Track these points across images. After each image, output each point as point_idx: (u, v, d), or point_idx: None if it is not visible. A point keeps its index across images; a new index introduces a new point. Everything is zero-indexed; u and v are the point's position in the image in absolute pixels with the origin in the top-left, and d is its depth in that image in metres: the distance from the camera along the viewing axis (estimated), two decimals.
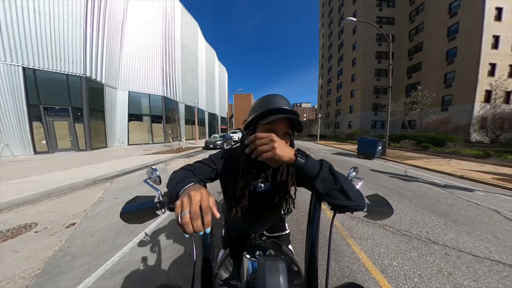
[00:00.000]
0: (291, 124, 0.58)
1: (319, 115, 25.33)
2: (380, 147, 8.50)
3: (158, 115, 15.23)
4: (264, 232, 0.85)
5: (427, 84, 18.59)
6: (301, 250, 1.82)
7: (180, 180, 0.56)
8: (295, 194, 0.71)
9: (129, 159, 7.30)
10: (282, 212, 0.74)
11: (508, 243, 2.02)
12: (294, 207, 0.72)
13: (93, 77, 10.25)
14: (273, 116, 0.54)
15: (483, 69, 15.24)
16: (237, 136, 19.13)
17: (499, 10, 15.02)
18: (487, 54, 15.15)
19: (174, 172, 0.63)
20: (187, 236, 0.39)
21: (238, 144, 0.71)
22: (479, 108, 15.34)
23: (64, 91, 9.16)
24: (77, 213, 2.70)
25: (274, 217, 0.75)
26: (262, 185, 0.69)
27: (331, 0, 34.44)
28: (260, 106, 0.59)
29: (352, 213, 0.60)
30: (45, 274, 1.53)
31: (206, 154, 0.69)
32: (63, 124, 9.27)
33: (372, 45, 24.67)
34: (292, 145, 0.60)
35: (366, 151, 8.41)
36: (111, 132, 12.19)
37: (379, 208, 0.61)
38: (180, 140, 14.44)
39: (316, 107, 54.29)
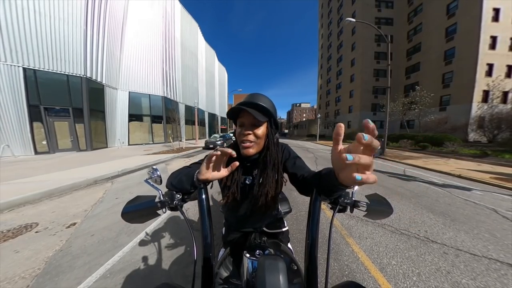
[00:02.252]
0: (260, 116, 0.63)
1: (319, 115, 25.37)
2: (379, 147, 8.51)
3: (158, 115, 15.21)
4: (264, 228, 0.85)
5: (425, 84, 18.64)
6: (301, 249, 1.82)
7: (184, 174, 0.61)
8: (285, 183, 0.76)
9: (130, 159, 7.29)
10: (278, 206, 0.78)
11: (506, 241, 2.02)
12: (281, 192, 0.77)
13: (94, 77, 10.23)
14: (236, 110, 0.64)
15: (481, 69, 15.29)
16: None
17: (497, 11, 15.07)
18: (484, 55, 15.20)
19: (173, 172, 0.65)
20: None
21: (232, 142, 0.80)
22: (476, 108, 15.39)
23: (65, 91, 9.14)
24: (77, 213, 2.70)
25: (269, 209, 0.77)
26: (258, 177, 0.74)
27: (330, 0, 34.47)
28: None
29: (351, 212, 0.60)
30: (45, 274, 1.53)
31: (206, 153, 0.70)
32: (63, 124, 9.25)
33: (371, 46, 24.70)
34: (268, 135, 0.69)
35: None
36: (112, 132, 12.17)
37: (379, 207, 0.61)
38: (180, 140, 14.43)
39: (315, 107, 54.34)
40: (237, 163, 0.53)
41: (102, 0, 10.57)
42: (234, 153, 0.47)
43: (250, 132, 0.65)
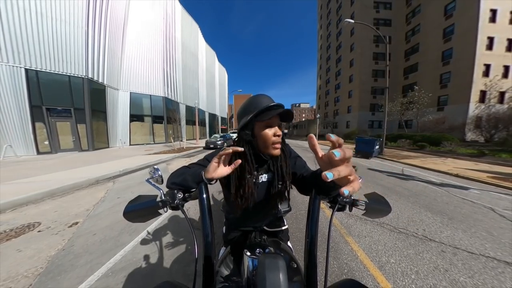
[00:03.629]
0: (283, 118, 0.65)
1: (318, 115, 25.39)
2: (377, 147, 8.51)
3: (159, 115, 15.20)
4: (264, 227, 0.85)
5: (423, 85, 18.64)
6: (300, 247, 1.82)
7: (190, 173, 0.61)
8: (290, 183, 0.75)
9: (131, 159, 7.28)
10: (279, 204, 0.79)
11: (503, 240, 2.03)
12: (288, 194, 0.77)
13: (95, 78, 10.22)
14: (269, 112, 0.61)
15: (478, 69, 15.29)
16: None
17: (494, 12, 15.06)
18: (482, 55, 15.19)
19: (174, 172, 0.66)
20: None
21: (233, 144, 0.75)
22: (474, 108, 15.40)
23: (67, 92, 9.13)
24: (79, 213, 2.69)
25: (272, 208, 0.76)
26: (265, 175, 0.74)
27: (329, 2, 34.43)
28: (254, 106, 0.65)
29: (350, 210, 0.60)
30: (48, 273, 1.52)
31: (206, 154, 0.71)
32: (65, 124, 9.25)
33: (369, 47, 24.69)
34: (283, 133, 0.70)
35: (364, 150, 8.42)
36: (113, 133, 12.16)
37: (377, 206, 0.61)
38: (181, 140, 14.43)
39: (314, 107, 54.37)
40: (239, 161, 0.55)
41: (103, 1, 10.56)
42: (242, 149, 0.53)
43: (281, 133, 0.66)
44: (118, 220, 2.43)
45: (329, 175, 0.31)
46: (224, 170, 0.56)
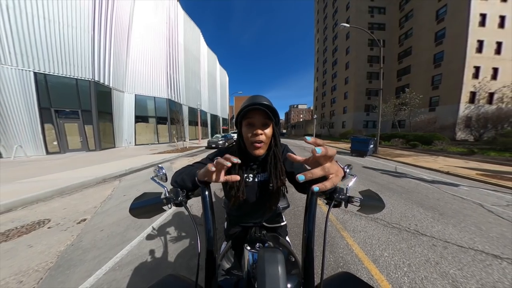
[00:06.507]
0: (269, 117, 0.62)
1: (315, 116, 25.39)
2: (371, 146, 8.52)
3: (163, 116, 15.17)
4: (264, 223, 0.85)
5: (415, 86, 18.64)
6: (298, 242, 1.82)
7: (186, 173, 0.60)
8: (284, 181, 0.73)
9: (136, 158, 7.28)
10: (278, 201, 0.77)
11: (491, 234, 2.04)
12: (287, 191, 0.76)
13: (101, 81, 10.19)
14: (246, 110, 0.60)
15: (468, 71, 15.28)
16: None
17: (483, 16, 15.04)
18: (471, 58, 15.18)
19: (177, 171, 0.66)
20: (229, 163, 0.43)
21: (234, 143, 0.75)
22: (464, 108, 15.42)
23: (74, 94, 9.11)
24: (87, 210, 2.70)
25: (273, 205, 0.76)
26: (260, 175, 0.73)
27: (325, 7, 34.33)
28: (242, 106, 0.65)
29: (346, 207, 0.60)
30: (58, 267, 1.53)
31: (209, 153, 0.70)
32: (73, 126, 9.23)
33: (364, 50, 24.66)
34: (274, 134, 0.67)
35: (359, 149, 8.43)
36: (119, 133, 12.15)
37: (372, 202, 0.61)
38: (184, 140, 14.41)
39: (312, 108, 54.32)
40: (237, 177, 0.50)
41: (108, 6, 10.51)
42: (239, 161, 0.47)
43: (262, 132, 0.62)
44: (125, 216, 2.43)
45: (300, 178, 0.31)
46: (217, 178, 0.51)
